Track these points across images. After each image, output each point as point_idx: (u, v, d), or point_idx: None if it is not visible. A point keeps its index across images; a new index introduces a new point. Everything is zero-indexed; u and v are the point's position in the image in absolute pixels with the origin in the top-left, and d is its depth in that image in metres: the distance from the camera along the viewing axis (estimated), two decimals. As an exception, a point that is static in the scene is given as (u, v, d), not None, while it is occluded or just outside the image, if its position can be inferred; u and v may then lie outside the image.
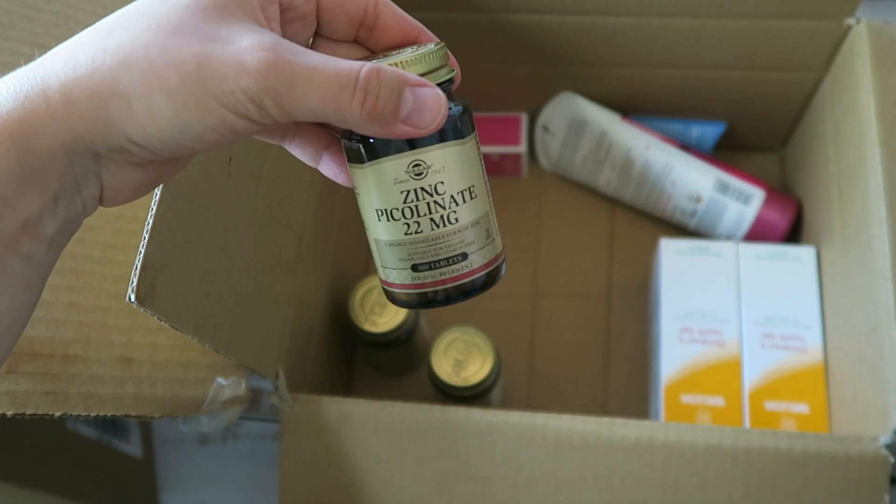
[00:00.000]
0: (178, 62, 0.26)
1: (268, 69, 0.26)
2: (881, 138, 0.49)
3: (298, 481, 0.49)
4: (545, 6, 0.59)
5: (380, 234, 0.31)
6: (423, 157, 0.29)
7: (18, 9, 0.47)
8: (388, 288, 0.32)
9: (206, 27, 0.26)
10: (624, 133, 0.66)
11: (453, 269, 0.31)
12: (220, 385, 0.46)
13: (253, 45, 0.26)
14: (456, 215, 0.30)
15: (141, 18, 0.27)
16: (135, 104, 0.26)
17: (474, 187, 0.31)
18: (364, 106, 0.27)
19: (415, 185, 0.30)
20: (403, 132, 0.28)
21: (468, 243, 0.31)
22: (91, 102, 0.26)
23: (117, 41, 0.26)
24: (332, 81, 0.26)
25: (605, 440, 0.46)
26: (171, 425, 0.65)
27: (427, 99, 0.28)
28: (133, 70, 0.26)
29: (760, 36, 0.59)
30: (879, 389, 0.46)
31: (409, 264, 0.31)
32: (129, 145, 0.27)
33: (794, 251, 0.59)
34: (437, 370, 0.55)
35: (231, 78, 0.26)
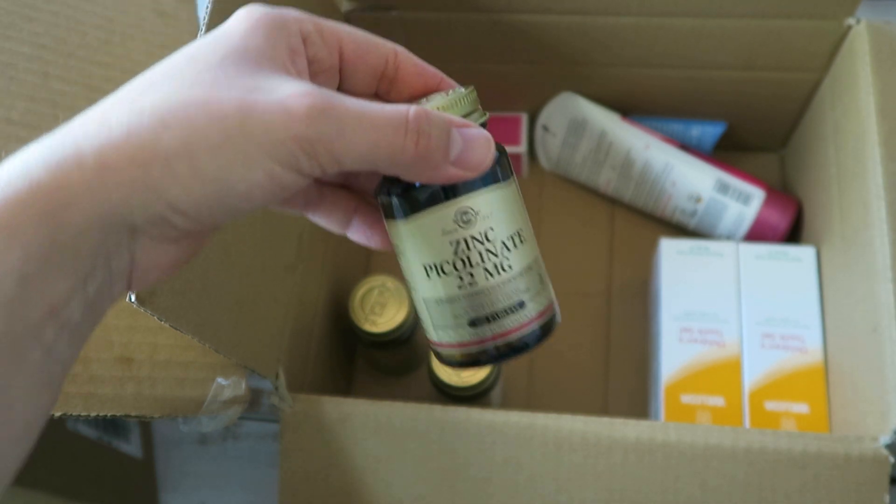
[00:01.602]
0: (221, 116, 0.24)
1: (317, 113, 0.24)
2: (881, 138, 0.49)
3: (298, 481, 0.49)
4: (545, 6, 0.59)
5: (430, 291, 0.29)
6: (471, 203, 0.28)
7: (18, 9, 0.47)
8: (443, 349, 0.30)
9: (243, 80, 0.25)
10: (624, 133, 0.66)
11: (513, 319, 0.29)
12: (220, 385, 0.46)
13: (297, 92, 0.25)
14: (509, 262, 0.29)
15: (173, 77, 0.26)
16: (177, 166, 0.24)
17: (522, 231, 0.29)
18: (418, 146, 0.26)
19: (464, 234, 0.28)
20: (453, 174, 0.27)
21: (524, 290, 0.29)
22: (130, 168, 0.24)
23: (151, 101, 0.25)
24: (383, 123, 0.25)
25: (605, 440, 0.46)
26: (171, 425, 0.65)
27: (475, 139, 0.27)
28: (173, 129, 0.24)
29: (760, 36, 0.59)
30: (879, 389, 0.46)
31: (465, 320, 0.29)
32: (170, 214, 0.25)
33: (794, 251, 0.59)
34: (437, 370, 0.55)
35: (279, 127, 0.24)
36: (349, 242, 0.58)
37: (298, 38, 0.28)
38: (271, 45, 0.27)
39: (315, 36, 0.28)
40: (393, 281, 0.58)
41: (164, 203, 0.24)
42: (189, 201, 0.25)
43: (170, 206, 0.24)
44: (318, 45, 0.28)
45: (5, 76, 0.44)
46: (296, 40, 0.28)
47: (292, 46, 0.27)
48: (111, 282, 0.26)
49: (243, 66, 0.26)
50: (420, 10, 0.60)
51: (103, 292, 0.25)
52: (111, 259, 0.25)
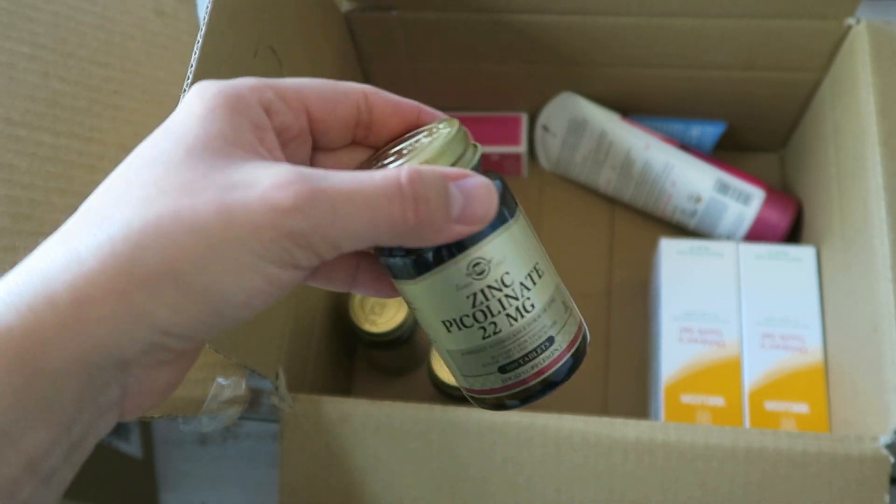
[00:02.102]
0: (201, 226, 0.22)
1: (306, 202, 0.22)
2: (881, 138, 0.49)
3: (298, 481, 0.49)
4: (545, 6, 0.59)
5: (453, 344, 0.28)
6: (482, 252, 0.26)
7: (18, 9, 0.47)
8: (476, 395, 0.29)
9: (215, 177, 0.22)
10: (624, 133, 0.66)
11: (544, 357, 0.28)
12: (220, 385, 0.46)
13: (278, 182, 0.22)
14: (531, 301, 0.27)
15: (136, 187, 0.23)
16: (162, 288, 0.22)
17: (539, 265, 0.28)
18: (417, 214, 0.23)
19: (480, 286, 0.26)
20: (459, 233, 0.25)
21: (550, 325, 0.28)
22: (109, 299, 0.21)
23: (119, 222, 0.22)
24: (375, 197, 0.23)
25: (605, 440, 0.46)
26: (171, 425, 0.65)
27: (475, 190, 0.25)
28: (150, 250, 0.22)
29: (760, 36, 0.59)
30: (879, 389, 0.46)
31: (494, 368, 0.28)
32: (163, 339, 0.22)
33: (794, 251, 0.59)
34: (437, 370, 0.55)
35: (267, 226, 0.22)
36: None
37: (260, 110, 0.25)
38: (234, 128, 0.24)
39: (278, 103, 0.25)
40: (393, 281, 0.58)
41: (154, 330, 0.22)
42: (182, 323, 0.22)
43: (161, 332, 0.22)
44: (282, 112, 0.26)
45: (5, 76, 0.44)
46: (258, 114, 0.25)
47: (256, 122, 0.25)
48: (99, 419, 0.23)
49: (210, 160, 0.23)
50: (420, 10, 0.60)
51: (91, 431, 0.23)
52: (99, 397, 0.22)
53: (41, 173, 0.44)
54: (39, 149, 0.44)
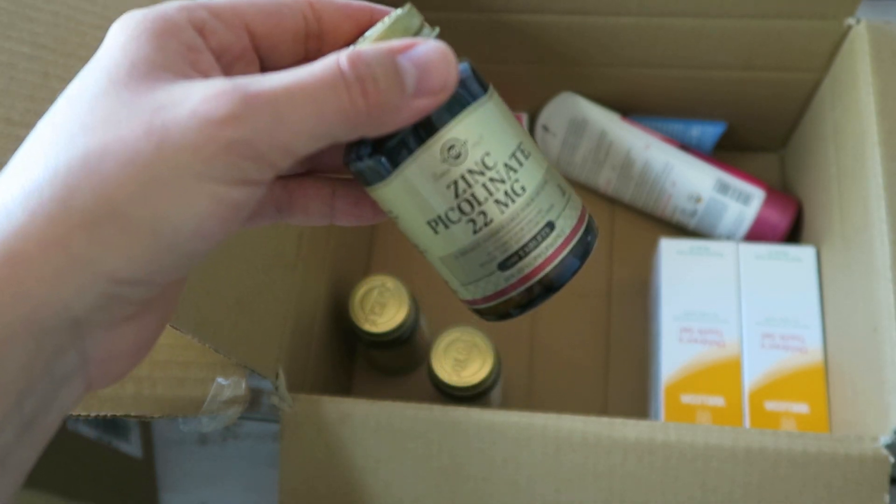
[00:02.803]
0: (131, 154, 0.20)
1: (242, 108, 0.20)
2: (881, 138, 0.49)
3: (298, 481, 0.49)
4: (545, 6, 0.59)
5: (444, 248, 0.25)
6: (454, 133, 0.24)
7: (18, 9, 0.47)
8: (480, 306, 0.27)
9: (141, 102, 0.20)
10: (624, 133, 0.66)
11: (546, 245, 0.25)
12: (220, 385, 0.46)
13: (208, 94, 0.20)
14: (520, 183, 0.25)
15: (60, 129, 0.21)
16: (102, 229, 0.19)
17: (522, 144, 0.25)
18: (367, 97, 0.21)
19: (460, 172, 0.24)
20: (420, 107, 0.23)
21: (548, 209, 0.25)
22: (45, 251, 0.19)
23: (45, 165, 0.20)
24: (318, 88, 0.21)
25: (605, 440, 0.46)
26: (171, 425, 0.65)
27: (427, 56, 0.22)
28: (80, 190, 0.19)
29: (760, 36, 0.59)
30: (879, 389, 0.46)
31: (493, 266, 0.25)
32: (115, 288, 0.20)
33: (794, 251, 0.59)
34: (437, 370, 0.55)
35: (204, 140, 0.20)
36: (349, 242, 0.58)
37: (191, 30, 0.23)
38: (162, 51, 0.22)
39: (213, 22, 0.23)
40: (393, 281, 0.58)
41: (102, 279, 0.20)
42: (131, 266, 0.20)
43: (111, 280, 0.20)
44: (219, 31, 0.23)
45: (5, 76, 0.44)
46: (189, 35, 0.23)
47: (188, 43, 0.22)
48: (58, 390, 0.21)
49: (135, 86, 0.21)
50: (420, 10, 0.60)
51: (50, 406, 0.21)
52: (53, 366, 0.20)
53: (41, 173, 0.43)
54: (39, 149, 0.44)
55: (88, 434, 0.61)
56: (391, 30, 0.24)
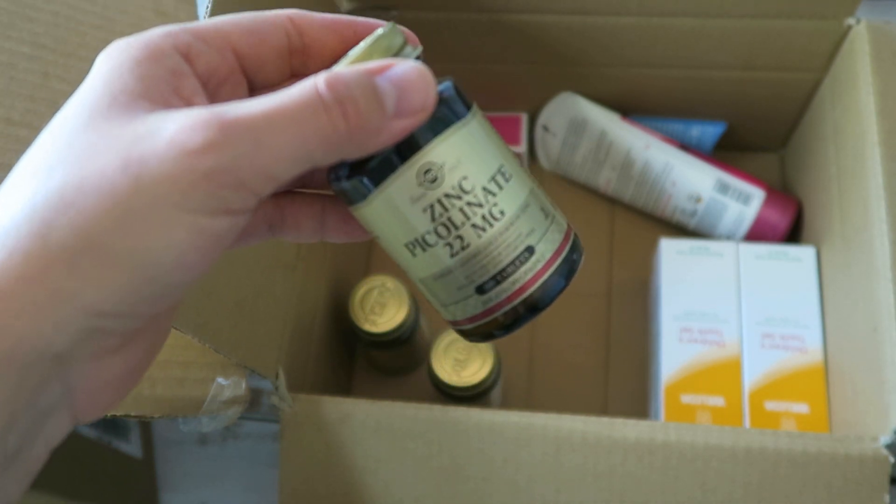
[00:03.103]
0: (109, 186, 0.19)
1: (219, 136, 0.20)
2: (881, 138, 0.49)
3: (298, 481, 0.49)
4: (545, 6, 0.59)
5: (423, 270, 0.25)
6: (431, 157, 0.24)
7: (18, 9, 0.47)
8: (461, 327, 0.27)
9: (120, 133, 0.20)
10: (624, 133, 0.66)
11: (525, 269, 0.25)
12: (220, 385, 0.46)
13: (185, 124, 0.20)
14: (499, 207, 0.24)
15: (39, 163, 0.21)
16: (80, 263, 0.19)
17: (504, 166, 0.25)
18: (348, 119, 0.21)
19: (436, 196, 0.24)
20: (400, 128, 0.22)
21: (528, 233, 0.25)
22: (23, 287, 0.19)
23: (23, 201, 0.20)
24: (297, 112, 0.21)
25: (605, 440, 0.46)
26: (171, 425, 0.65)
27: (405, 76, 0.22)
28: (58, 224, 0.19)
29: (760, 36, 0.59)
30: (879, 389, 0.46)
31: (472, 289, 0.25)
32: (97, 321, 0.20)
33: (794, 251, 0.59)
34: (436, 370, 0.55)
35: (181, 171, 0.19)
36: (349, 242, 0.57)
37: (176, 57, 0.23)
38: (143, 80, 0.22)
39: (198, 45, 0.23)
40: (393, 281, 0.58)
41: (82, 312, 0.20)
42: (112, 299, 0.20)
43: (91, 314, 0.20)
44: (206, 53, 0.23)
45: (5, 76, 0.44)
46: (174, 61, 0.22)
47: (173, 69, 0.22)
48: (42, 424, 0.21)
49: (115, 118, 0.21)
50: (420, 10, 0.60)
51: (33, 438, 0.21)
52: (36, 400, 0.20)
53: (41, 173, 0.43)
54: (39, 149, 0.44)
55: (88, 434, 0.61)
56: (372, 49, 0.24)
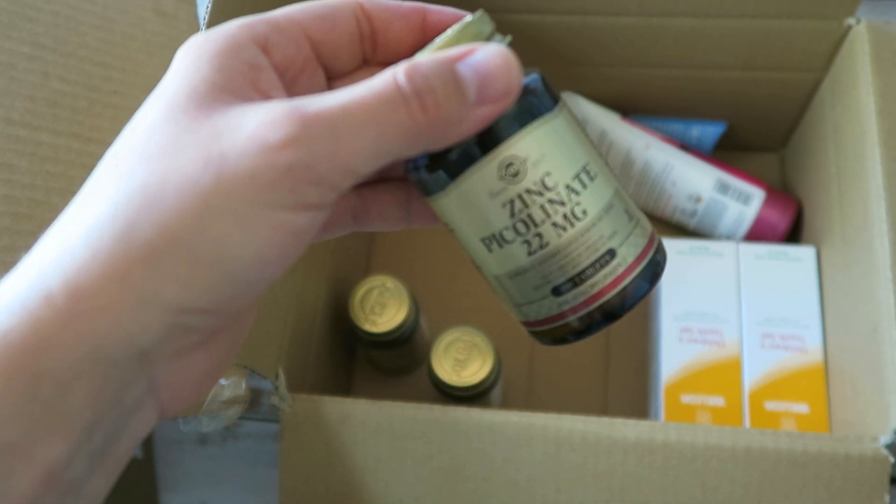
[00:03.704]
0: (190, 185, 0.20)
1: (299, 131, 0.20)
2: (881, 138, 0.49)
3: (298, 481, 0.49)
4: (545, 6, 0.59)
5: (498, 267, 0.24)
6: (514, 150, 0.23)
7: (18, 9, 0.47)
8: (535, 328, 0.26)
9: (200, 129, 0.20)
10: (624, 133, 0.66)
11: (605, 273, 0.24)
12: (220, 385, 0.46)
13: (265, 119, 0.20)
14: (582, 207, 0.23)
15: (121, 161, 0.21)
16: (163, 262, 0.19)
17: (589, 164, 0.24)
18: (427, 111, 0.21)
19: (517, 191, 0.23)
20: (484, 116, 0.22)
21: (610, 235, 0.24)
22: (108, 286, 0.19)
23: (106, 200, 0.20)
24: (376, 106, 0.20)
25: (605, 440, 0.46)
26: (171, 425, 0.65)
27: (488, 61, 0.22)
28: (140, 223, 0.19)
29: (760, 36, 0.59)
30: (879, 389, 0.46)
31: (547, 290, 0.24)
32: (180, 318, 0.20)
33: (794, 251, 0.59)
34: (437, 370, 0.55)
35: (262, 167, 0.19)
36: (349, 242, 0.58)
37: (254, 49, 0.22)
38: (223, 72, 0.22)
39: (275, 36, 0.23)
40: (393, 281, 0.58)
41: (166, 311, 0.20)
42: (194, 297, 0.20)
43: (176, 311, 0.20)
44: (282, 44, 0.23)
45: (5, 76, 0.44)
46: (251, 53, 0.22)
47: (250, 62, 0.22)
48: (128, 419, 0.21)
49: (195, 112, 0.21)
50: (420, 10, 0.60)
51: (121, 434, 0.21)
52: (121, 397, 0.20)
53: (41, 173, 0.43)
54: (39, 149, 0.44)
55: (88, 434, 0.61)
56: (459, 36, 0.23)
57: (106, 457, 0.21)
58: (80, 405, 0.19)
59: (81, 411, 0.19)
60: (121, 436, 0.21)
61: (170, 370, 0.21)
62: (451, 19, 0.25)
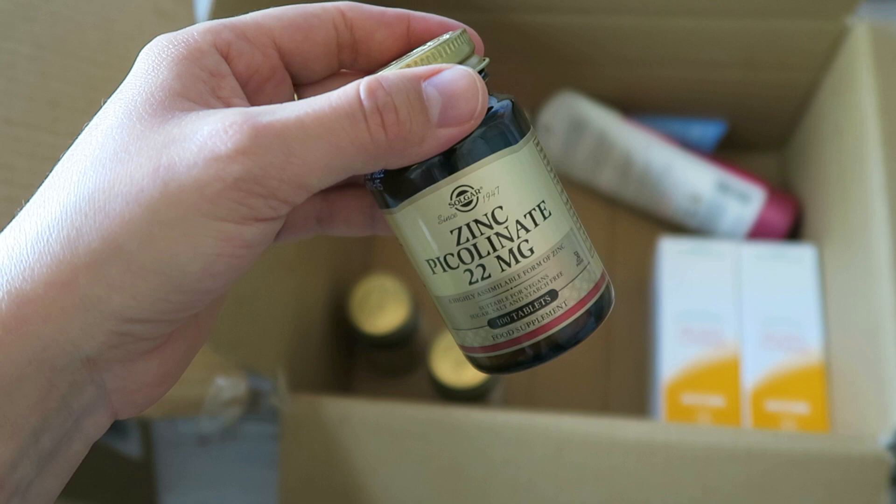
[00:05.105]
0: (136, 192, 0.19)
1: (250, 143, 0.19)
2: (881, 138, 0.49)
3: (298, 481, 0.49)
4: (545, 6, 0.59)
5: (439, 289, 0.24)
6: (468, 179, 0.22)
7: (18, 9, 0.47)
8: (468, 354, 0.25)
9: (153, 136, 0.20)
10: (624, 133, 0.66)
11: (542, 314, 0.23)
12: (219, 385, 0.46)
13: (216, 128, 0.19)
14: (529, 245, 0.23)
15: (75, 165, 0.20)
16: (107, 270, 0.19)
17: (545, 203, 0.23)
18: (387, 128, 0.20)
19: (466, 220, 0.22)
20: (445, 138, 0.21)
21: (554, 277, 0.23)
22: (51, 293, 0.19)
23: (55, 205, 0.20)
24: (333, 119, 0.20)
25: (606, 440, 0.46)
26: (171, 425, 0.65)
27: (454, 82, 0.21)
28: (86, 230, 0.19)
29: (760, 36, 0.59)
30: (879, 389, 0.46)
31: (484, 321, 0.24)
32: (126, 326, 0.20)
33: (794, 251, 0.59)
34: (437, 371, 0.55)
35: (210, 178, 0.19)
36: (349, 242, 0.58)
37: (215, 56, 0.22)
38: (181, 78, 0.21)
39: (239, 44, 0.22)
40: (393, 281, 0.58)
41: (109, 318, 0.19)
42: (139, 306, 0.19)
43: (118, 319, 0.20)
44: (247, 52, 0.23)
45: (5, 76, 0.44)
46: (213, 60, 0.22)
47: (211, 69, 0.22)
48: (78, 423, 0.21)
49: (150, 119, 0.20)
50: (420, 10, 0.60)
51: (69, 437, 0.21)
52: (69, 401, 0.20)
53: (41, 173, 0.43)
54: (39, 149, 0.44)
55: (88, 434, 0.61)
56: (434, 53, 0.22)
57: (55, 459, 0.21)
58: (26, 410, 0.19)
59: (27, 416, 0.19)
60: (71, 438, 0.21)
61: (120, 376, 0.21)
62: (435, 27, 0.25)
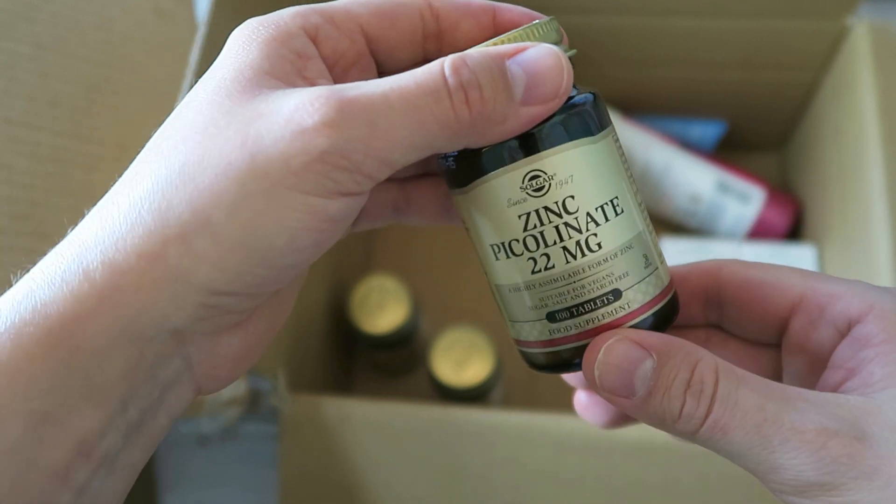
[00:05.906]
0: (225, 165, 0.19)
1: (336, 117, 0.19)
2: (881, 138, 0.49)
3: (298, 482, 0.49)
4: (545, 6, 0.59)
5: (500, 276, 0.24)
6: (543, 164, 0.22)
7: (18, 9, 0.47)
8: (522, 349, 0.25)
9: (241, 111, 0.20)
10: (624, 133, 0.66)
11: (602, 312, 0.23)
12: (219, 385, 0.46)
13: (303, 102, 0.20)
14: (597, 239, 0.22)
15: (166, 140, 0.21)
16: (195, 242, 0.19)
17: (618, 199, 0.23)
18: (471, 105, 0.20)
19: (536, 205, 0.22)
20: (529, 116, 0.21)
21: (620, 276, 0.23)
22: (143, 264, 0.19)
23: (146, 178, 0.20)
24: (419, 96, 0.20)
25: (606, 440, 0.46)
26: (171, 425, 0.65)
27: (538, 61, 0.21)
28: (176, 202, 0.20)
29: (760, 36, 0.59)
30: (880, 389, 0.46)
31: (542, 313, 0.23)
32: (213, 299, 0.20)
33: (794, 251, 0.59)
34: (437, 371, 0.55)
35: (296, 151, 0.19)
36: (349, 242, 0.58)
37: (303, 38, 0.22)
38: (269, 57, 0.21)
39: (327, 28, 0.23)
40: (393, 281, 0.58)
41: (197, 290, 0.20)
42: (226, 279, 0.20)
43: (206, 292, 0.20)
44: (334, 37, 0.23)
45: (5, 76, 0.44)
46: (300, 42, 0.22)
47: (298, 51, 0.22)
48: (163, 395, 0.21)
49: (239, 95, 0.21)
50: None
51: (157, 409, 0.21)
52: (156, 372, 0.21)
53: (41, 173, 0.43)
54: (39, 149, 0.44)
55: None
56: (521, 36, 0.22)
57: (141, 431, 0.21)
58: (115, 378, 0.20)
59: (116, 384, 0.20)
60: (157, 410, 0.21)
61: (205, 349, 0.21)
62: (521, 19, 0.25)
